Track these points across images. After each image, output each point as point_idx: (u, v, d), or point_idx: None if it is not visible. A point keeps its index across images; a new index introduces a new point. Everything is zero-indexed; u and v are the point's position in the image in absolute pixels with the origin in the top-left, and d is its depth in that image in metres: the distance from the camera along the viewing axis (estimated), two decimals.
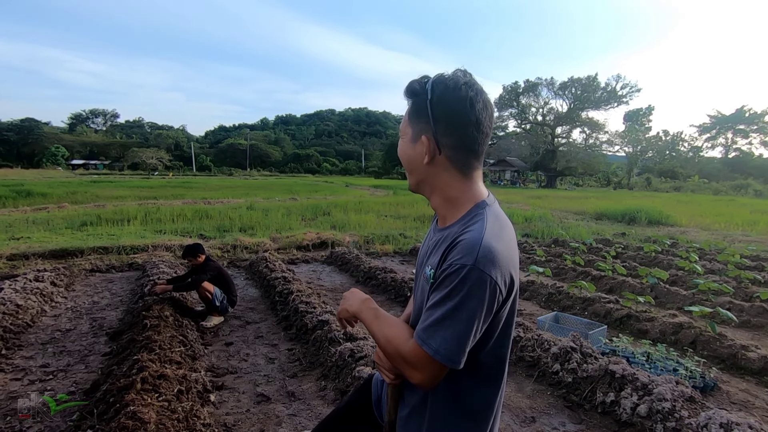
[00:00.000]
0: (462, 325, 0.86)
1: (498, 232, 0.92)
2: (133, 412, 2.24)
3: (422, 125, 0.97)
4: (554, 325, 4.14)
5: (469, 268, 0.84)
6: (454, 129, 0.94)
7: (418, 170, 1.01)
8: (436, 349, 0.87)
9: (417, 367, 0.90)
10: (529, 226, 11.75)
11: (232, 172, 58.39)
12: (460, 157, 0.97)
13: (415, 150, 0.99)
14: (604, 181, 54.20)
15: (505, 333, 0.99)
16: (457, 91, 0.93)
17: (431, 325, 0.88)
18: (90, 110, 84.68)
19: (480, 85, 0.96)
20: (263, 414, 2.77)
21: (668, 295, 5.23)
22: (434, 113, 0.94)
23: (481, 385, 1.00)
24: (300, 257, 7.71)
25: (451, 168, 0.98)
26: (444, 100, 0.93)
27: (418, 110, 0.97)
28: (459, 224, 0.97)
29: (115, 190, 20.58)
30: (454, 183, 0.99)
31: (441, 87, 0.94)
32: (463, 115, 0.93)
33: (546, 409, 2.90)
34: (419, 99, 0.97)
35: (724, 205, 19.96)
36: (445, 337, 0.86)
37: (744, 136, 54.00)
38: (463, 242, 0.88)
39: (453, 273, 0.86)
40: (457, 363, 0.88)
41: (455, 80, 0.94)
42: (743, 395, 3.09)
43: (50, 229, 9.21)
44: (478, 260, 0.85)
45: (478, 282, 0.84)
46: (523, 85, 51.33)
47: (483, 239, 0.87)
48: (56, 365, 3.40)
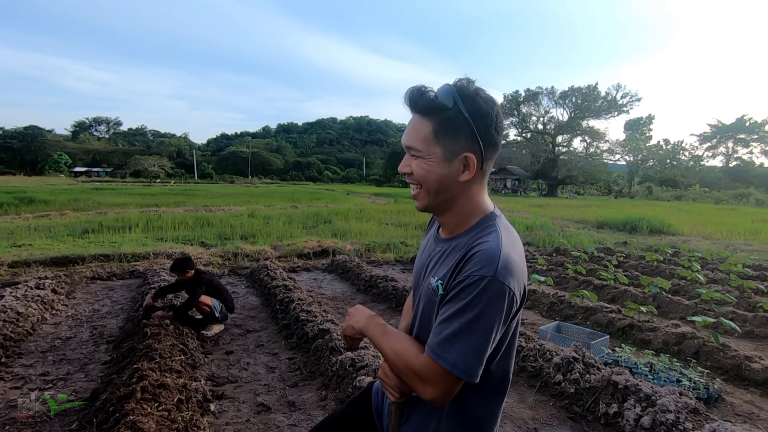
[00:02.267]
0: (481, 338, 0.85)
1: (513, 243, 0.93)
2: (132, 422, 2.23)
3: (461, 143, 0.92)
4: (556, 335, 4.12)
5: (489, 280, 0.84)
6: (494, 141, 0.94)
7: (447, 186, 0.95)
8: (453, 363, 0.85)
9: (430, 381, 0.89)
10: (530, 234, 11.73)
11: (233, 179, 58.56)
12: (490, 167, 0.99)
13: (451, 169, 0.93)
14: (605, 190, 54.24)
15: (512, 344, 0.99)
16: (490, 103, 0.92)
17: (447, 338, 0.86)
18: (93, 118, 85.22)
19: None
20: (263, 424, 2.75)
21: (670, 304, 5.20)
22: (479, 130, 0.91)
23: (487, 397, 1.00)
24: (301, 265, 7.70)
25: (479, 181, 0.98)
26: (483, 114, 0.91)
27: (452, 127, 0.91)
28: (469, 235, 0.96)
29: (117, 197, 20.65)
30: (475, 195, 0.99)
31: (476, 100, 0.91)
32: (498, 125, 0.93)
33: (548, 420, 2.87)
34: (450, 115, 0.91)
35: (725, 214, 19.93)
36: (463, 350, 0.85)
37: (745, 145, 54.08)
38: (481, 253, 0.87)
39: (472, 284, 0.85)
40: (475, 376, 0.86)
41: (481, 91, 0.92)
42: (748, 407, 3.06)
43: (52, 237, 9.23)
44: (498, 271, 0.84)
45: (498, 293, 0.84)
46: (524, 94, 51.65)
47: (502, 250, 0.87)
48: (56, 373, 3.39)
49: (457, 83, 0.93)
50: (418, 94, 0.93)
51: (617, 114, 49.14)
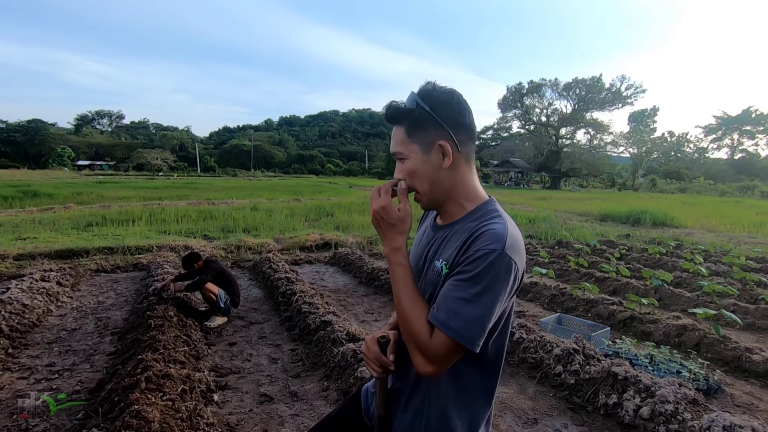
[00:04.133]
0: (487, 308, 0.89)
1: (516, 228, 0.99)
2: (137, 411, 2.26)
3: (433, 133, 0.99)
4: (557, 327, 4.13)
5: (499, 253, 0.88)
6: (462, 125, 1.00)
7: (438, 179, 1.01)
8: (457, 332, 0.88)
9: (428, 351, 0.90)
10: (533, 227, 11.72)
11: (236, 173, 58.62)
12: (471, 148, 1.04)
13: (432, 160, 0.99)
14: (608, 183, 53.96)
15: (507, 324, 1.03)
16: (447, 93, 1.00)
17: (451, 307, 0.89)
18: (96, 111, 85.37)
19: None
20: (266, 414, 2.79)
21: (672, 297, 5.20)
22: (441, 116, 0.98)
23: (482, 375, 1.02)
24: (303, 258, 7.73)
25: (463, 164, 1.03)
26: (443, 103, 0.99)
27: (419, 123, 0.99)
28: (470, 219, 1.01)
29: (121, 190, 20.71)
30: (465, 181, 1.04)
31: (435, 95, 0.99)
32: (463, 109, 1.00)
33: (548, 410, 2.89)
34: (416, 114, 0.99)
35: (730, 207, 19.81)
36: (469, 319, 0.88)
37: (750, 137, 53.64)
38: (490, 232, 0.92)
39: (481, 257, 0.89)
40: (477, 345, 0.90)
41: (440, 87, 1.01)
42: (748, 398, 3.07)
43: (56, 230, 9.29)
44: (507, 247, 0.90)
45: (506, 267, 0.89)
46: (527, 86, 51.30)
47: (508, 230, 0.93)
48: (62, 364, 3.44)
49: (420, 88, 1.01)
50: (388, 108, 1.02)
51: (621, 106, 48.82)
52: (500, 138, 66.24)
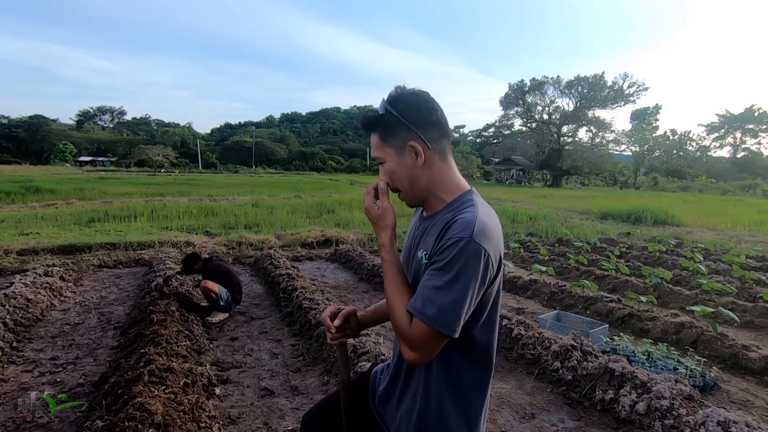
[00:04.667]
0: (459, 294, 0.92)
1: (489, 214, 1.02)
2: (140, 404, 2.30)
3: (403, 136, 1.04)
4: (556, 324, 4.16)
5: (466, 240, 0.92)
6: (429, 123, 1.05)
7: (415, 177, 1.06)
8: (433, 318, 0.92)
9: (410, 339, 0.95)
10: (533, 225, 11.74)
11: (237, 169, 58.62)
12: (443, 143, 1.07)
13: (406, 160, 1.06)
14: (610, 181, 53.88)
15: (493, 313, 1.05)
16: (414, 94, 1.06)
17: (426, 295, 0.94)
18: (97, 107, 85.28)
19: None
20: (267, 407, 2.83)
21: (671, 294, 5.23)
22: (409, 118, 1.03)
23: (474, 364, 1.06)
24: (304, 254, 7.77)
25: (438, 160, 1.07)
26: (409, 105, 1.04)
27: (390, 128, 1.05)
28: (448, 209, 1.05)
29: (122, 186, 20.76)
30: (443, 174, 1.08)
31: (400, 98, 1.05)
32: (429, 107, 1.05)
33: (546, 405, 2.93)
34: (386, 119, 1.05)
35: (731, 206, 19.79)
36: (443, 305, 0.91)
37: (753, 135, 53.42)
38: (460, 220, 0.96)
39: (450, 246, 0.93)
40: (454, 331, 0.93)
41: (405, 90, 1.06)
42: (743, 395, 3.10)
43: (59, 225, 9.34)
44: (474, 233, 0.93)
45: (475, 253, 0.92)
46: (529, 83, 51.11)
47: (478, 217, 0.97)
48: (66, 358, 3.48)
49: (388, 94, 1.07)
50: (362, 117, 1.10)
51: (624, 104, 48.59)
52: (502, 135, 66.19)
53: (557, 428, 2.67)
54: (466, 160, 56.50)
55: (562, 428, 2.67)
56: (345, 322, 1.25)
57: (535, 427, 2.67)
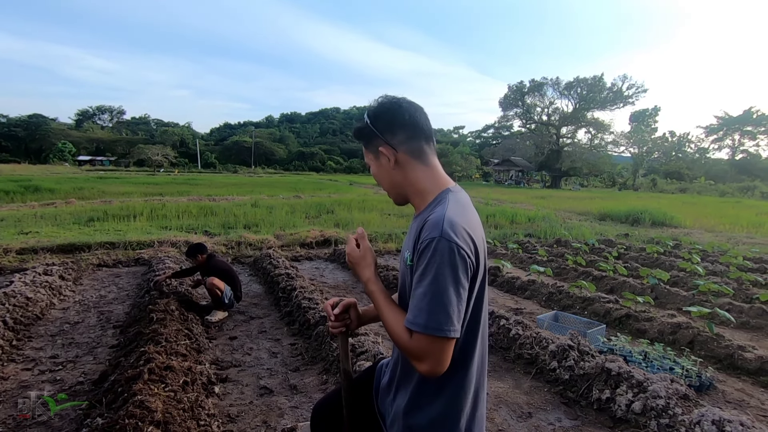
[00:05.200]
0: (442, 294, 0.94)
1: (460, 211, 1.04)
2: (140, 401, 2.32)
3: (375, 143, 1.15)
4: (553, 324, 4.19)
5: (437, 240, 0.95)
6: (396, 128, 1.12)
7: (392, 178, 1.16)
8: (425, 325, 0.94)
9: (416, 354, 0.98)
10: (532, 226, 11.77)
11: (236, 169, 58.63)
12: (414, 146, 1.12)
13: (381, 163, 1.15)
14: (609, 182, 53.95)
15: (478, 308, 1.07)
16: (384, 105, 1.14)
17: (416, 306, 0.96)
18: (96, 107, 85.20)
19: (400, 97, 1.17)
20: (266, 406, 2.85)
21: (668, 295, 5.26)
22: (377, 126, 1.13)
23: (459, 360, 1.07)
24: (303, 254, 7.79)
25: (412, 161, 1.13)
26: (378, 116, 1.13)
27: (368, 137, 1.16)
28: (426, 210, 1.10)
29: (122, 186, 20.77)
30: (419, 174, 1.14)
31: (372, 111, 1.15)
32: (397, 115, 1.12)
33: (543, 405, 2.95)
34: (363, 130, 1.16)
35: (730, 207, 19.84)
36: (431, 310, 0.94)
37: (752, 137, 53.52)
38: (429, 221, 1.01)
39: (425, 248, 0.97)
40: (449, 331, 0.94)
41: (379, 102, 1.15)
42: (739, 395, 3.12)
43: (58, 224, 9.35)
44: (443, 231, 0.96)
45: (447, 250, 0.94)
46: (529, 84, 51.16)
47: (445, 215, 1.00)
48: (65, 356, 3.49)
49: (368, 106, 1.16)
50: (353, 130, 1.20)
51: (623, 105, 48.64)
52: (501, 136, 66.23)
53: (554, 427, 2.69)
54: (465, 160, 56.52)
55: (559, 427, 2.69)
56: (345, 312, 1.30)
57: (532, 426, 2.70)
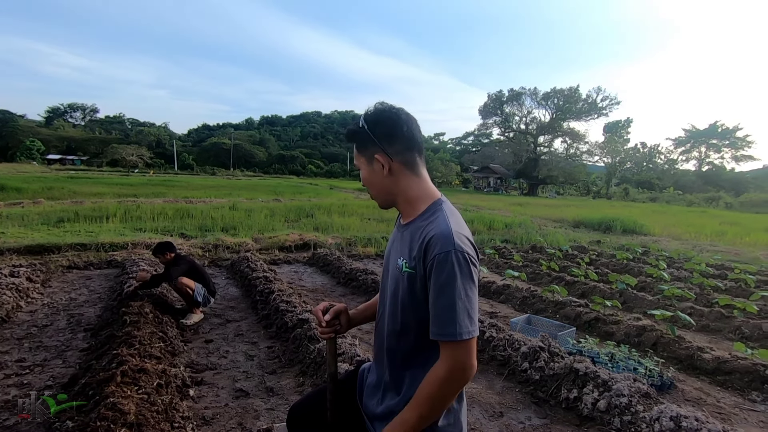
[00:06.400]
0: (465, 301, 1.03)
1: (457, 220, 1.13)
2: (113, 404, 2.29)
3: (371, 149, 1.18)
4: (526, 327, 4.31)
5: (452, 252, 1.03)
6: (394, 137, 1.17)
7: (383, 184, 1.19)
8: (456, 333, 1.02)
9: (452, 362, 1.04)
10: (509, 232, 12.02)
11: (215, 171, 57.55)
12: (408, 158, 1.18)
13: (374, 169, 1.19)
14: (584, 191, 55.48)
15: None
16: (383, 113, 1.18)
17: (442, 318, 1.03)
18: (68, 104, 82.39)
19: (397, 106, 1.21)
20: (242, 408, 2.84)
21: (635, 300, 5.48)
22: (375, 133, 1.16)
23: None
24: (282, 258, 7.75)
25: (405, 171, 1.18)
26: (378, 122, 1.17)
27: (363, 141, 1.19)
28: (421, 219, 1.16)
29: (94, 186, 20.14)
30: (411, 184, 1.19)
31: (371, 116, 1.18)
32: (395, 125, 1.16)
33: (514, 404, 3.05)
34: (358, 134, 1.19)
35: (696, 216, 20.72)
36: (458, 319, 1.02)
37: (717, 150, 56.03)
38: (437, 236, 1.06)
39: (441, 261, 1.03)
40: (474, 332, 1.04)
41: (377, 108, 1.19)
42: (697, 393, 3.30)
43: (25, 225, 9.02)
44: (456, 244, 1.04)
45: (464, 260, 1.04)
46: (508, 93, 52.29)
47: (452, 228, 1.07)
48: (33, 360, 3.40)
49: (366, 110, 1.20)
50: (346, 130, 1.23)
51: (597, 116, 50.23)
52: (481, 144, 67.34)
53: (524, 426, 2.79)
54: (445, 167, 57.14)
55: (529, 426, 2.79)
56: (335, 318, 1.34)
57: (503, 425, 2.78)
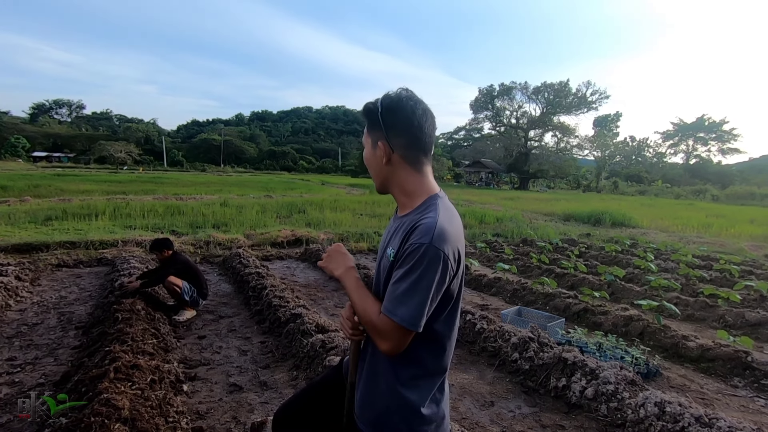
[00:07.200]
0: (423, 294, 1.04)
1: (449, 218, 1.13)
2: (107, 399, 2.30)
3: (377, 133, 1.17)
4: (516, 318, 4.38)
5: (426, 246, 1.03)
6: (401, 131, 1.15)
7: (380, 171, 1.20)
8: (402, 317, 1.04)
9: (384, 335, 1.08)
10: (500, 226, 12.12)
11: (205, 168, 57.01)
12: (410, 154, 1.17)
13: (376, 154, 1.19)
14: (574, 184, 55.97)
15: (456, 306, 1.18)
16: (400, 102, 1.15)
17: (396, 298, 1.05)
18: (54, 100, 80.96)
19: (420, 98, 1.17)
20: (236, 402, 2.86)
21: (623, 291, 5.58)
22: (384, 121, 1.15)
23: (438, 349, 1.18)
24: (274, 254, 7.75)
25: (405, 165, 1.18)
26: (391, 110, 1.15)
27: (373, 122, 1.18)
28: (415, 212, 1.16)
29: (82, 184, 19.86)
30: (409, 178, 1.19)
31: (388, 101, 1.16)
32: (407, 119, 1.14)
33: (504, 394, 3.11)
34: (371, 114, 1.18)
35: (683, 209, 21.05)
36: (409, 306, 1.04)
37: (704, 143, 56.89)
38: (421, 226, 1.07)
39: (414, 251, 1.04)
40: (418, 326, 1.06)
41: (399, 95, 1.16)
42: (681, 380, 3.39)
43: (12, 223, 8.88)
44: (433, 239, 1.04)
45: (435, 257, 1.03)
46: (498, 88, 52.46)
47: (437, 223, 1.06)
48: (23, 358, 3.38)
49: (386, 93, 1.18)
50: (365, 105, 1.20)
51: (587, 110, 50.71)
52: (472, 138, 67.45)
53: (514, 414, 2.85)
54: (437, 162, 57.19)
55: (519, 414, 2.85)
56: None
57: (493, 414, 2.84)
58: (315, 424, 1.43)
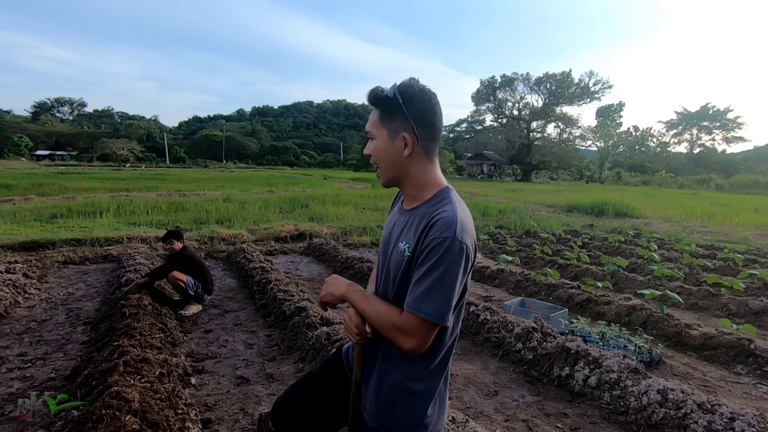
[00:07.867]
0: (449, 288, 1.04)
1: (464, 211, 1.14)
2: (117, 392, 2.34)
3: (399, 123, 1.13)
4: (520, 309, 4.41)
5: (451, 240, 1.04)
6: (425, 121, 1.14)
7: (397, 163, 1.16)
8: (429, 312, 1.04)
9: (411, 333, 1.07)
10: (502, 218, 12.12)
11: (207, 164, 57.12)
12: (430, 145, 1.17)
13: (395, 146, 1.14)
14: (577, 175, 55.75)
15: (463, 296, 1.18)
16: (423, 93, 1.13)
17: (422, 294, 1.05)
18: (55, 99, 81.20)
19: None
20: (243, 394, 2.91)
21: (626, 281, 5.59)
22: (410, 112, 1.12)
23: (447, 340, 1.19)
24: (278, 248, 7.79)
25: (423, 156, 1.17)
26: (415, 101, 1.12)
27: (391, 112, 1.13)
28: (428, 205, 1.15)
29: (85, 182, 19.95)
30: (424, 169, 1.18)
31: (410, 90, 1.13)
32: (430, 109, 1.14)
33: (508, 383, 3.14)
34: (389, 103, 1.13)
35: (687, 198, 20.96)
36: (436, 301, 1.04)
37: (708, 132, 56.43)
38: (442, 220, 1.07)
39: (437, 245, 1.04)
40: (446, 320, 1.07)
41: (418, 85, 1.14)
42: (684, 368, 3.41)
43: (18, 222, 8.96)
44: (457, 233, 1.04)
45: (459, 250, 1.04)
46: (500, 79, 52.14)
47: (458, 217, 1.07)
48: (34, 354, 3.43)
49: (402, 81, 1.15)
50: (371, 91, 1.16)
51: (589, 101, 50.36)
52: (474, 131, 67.24)
53: (518, 403, 2.88)
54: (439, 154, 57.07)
55: (522, 403, 2.88)
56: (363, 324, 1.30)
57: (497, 403, 2.87)
58: (315, 415, 1.42)
